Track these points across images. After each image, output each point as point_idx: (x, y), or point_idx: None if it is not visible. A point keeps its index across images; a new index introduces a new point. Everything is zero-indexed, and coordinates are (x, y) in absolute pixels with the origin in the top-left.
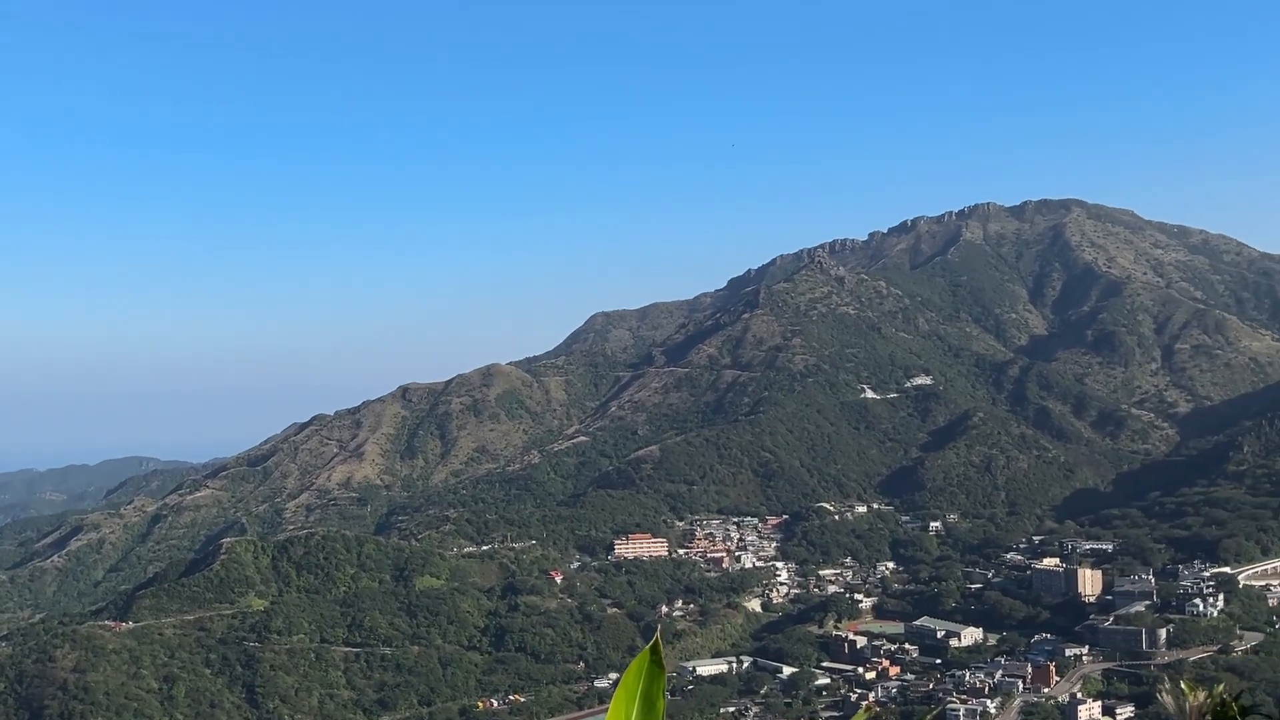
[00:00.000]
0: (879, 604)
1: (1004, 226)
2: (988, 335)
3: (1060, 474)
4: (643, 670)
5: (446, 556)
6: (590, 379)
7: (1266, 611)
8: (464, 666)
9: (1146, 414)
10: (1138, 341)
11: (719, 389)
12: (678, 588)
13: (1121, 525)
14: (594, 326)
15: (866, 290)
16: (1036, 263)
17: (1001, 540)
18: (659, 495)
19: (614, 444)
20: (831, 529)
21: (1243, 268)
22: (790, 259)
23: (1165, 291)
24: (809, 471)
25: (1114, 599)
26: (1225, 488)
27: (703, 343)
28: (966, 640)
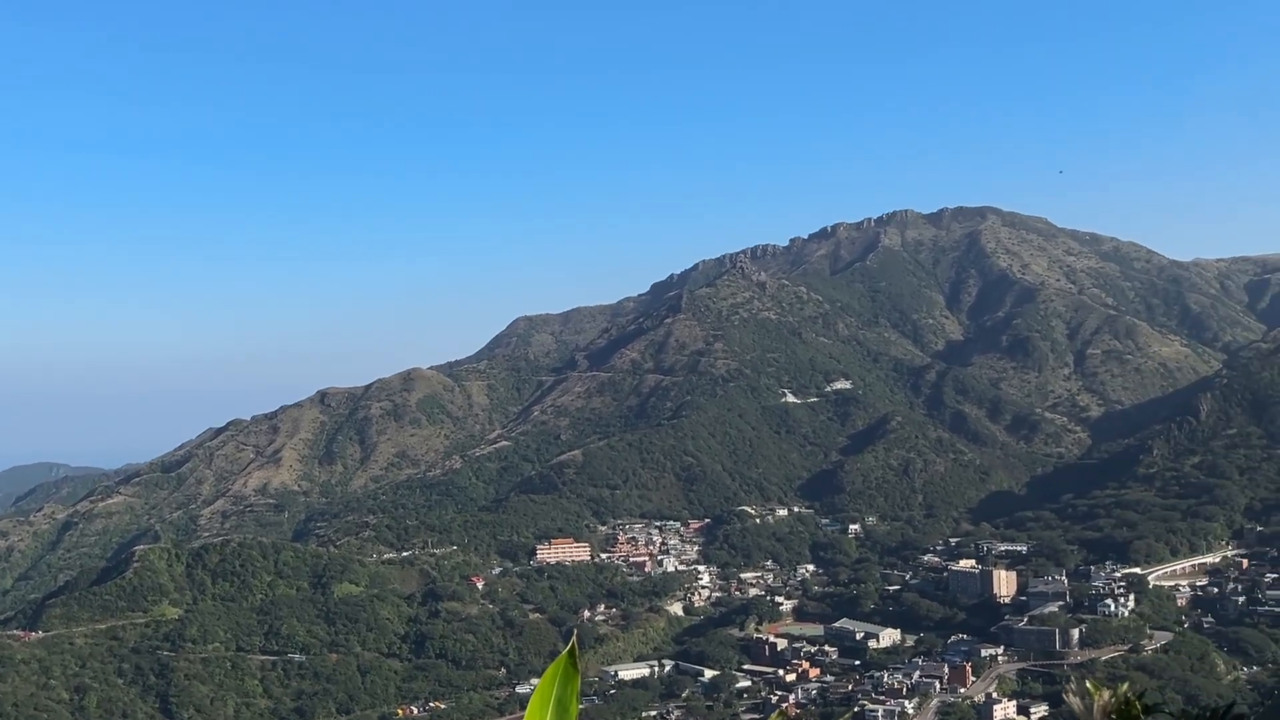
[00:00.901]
0: (799, 606)
1: (922, 233)
2: (906, 340)
3: (976, 477)
4: (558, 675)
5: (366, 563)
6: (513, 383)
7: (1175, 611)
8: (383, 674)
9: (1059, 418)
10: (1051, 347)
11: (642, 393)
12: (600, 592)
13: (1035, 527)
14: (517, 330)
15: (787, 295)
16: (953, 269)
17: (919, 542)
18: (582, 500)
19: (537, 448)
20: (753, 532)
21: (1152, 275)
22: (713, 264)
23: (1078, 298)
24: (731, 475)
25: (1028, 600)
26: (1135, 490)
27: (626, 347)
28: (885, 641)
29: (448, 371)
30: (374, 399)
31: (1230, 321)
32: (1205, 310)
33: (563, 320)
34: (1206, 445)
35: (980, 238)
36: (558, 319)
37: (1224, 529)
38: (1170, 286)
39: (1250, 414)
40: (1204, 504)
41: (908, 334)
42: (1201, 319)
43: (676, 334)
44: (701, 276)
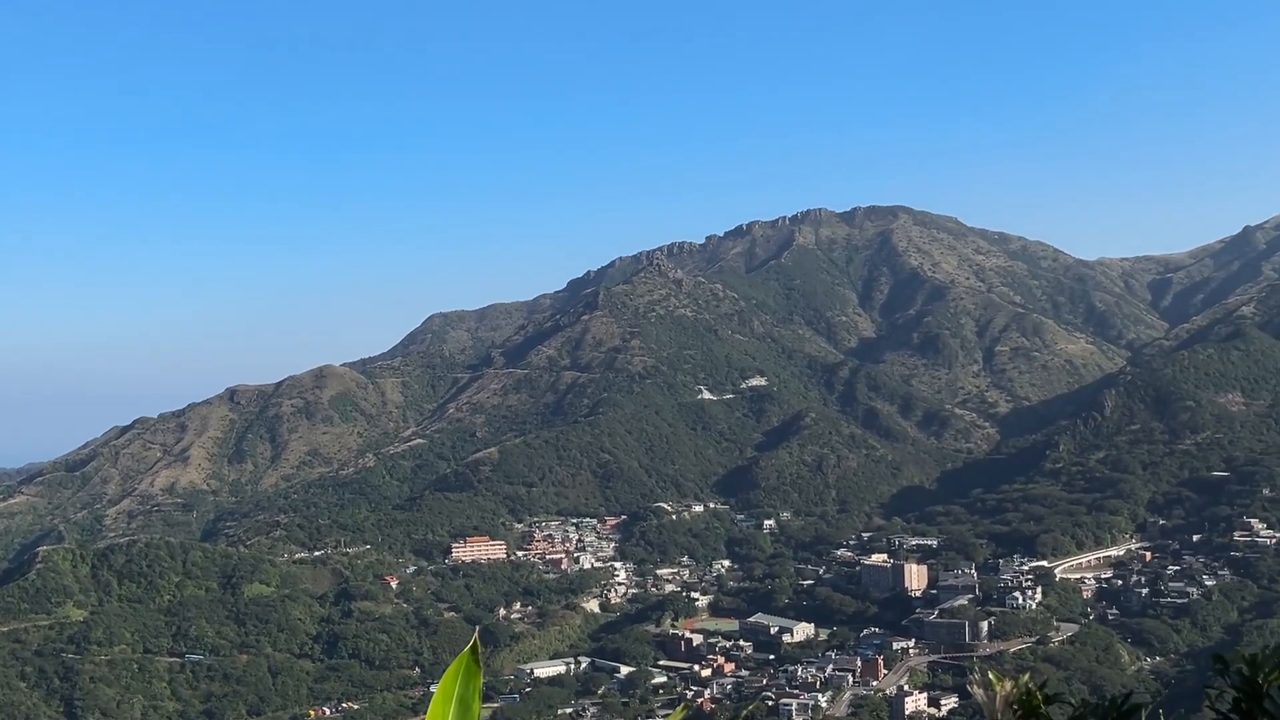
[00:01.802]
0: (715, 602)
1: (835, 232)
2: (819, 338)
3: (888, 472)
4: (459, 672)
5: (277, 563)
6: (428, 380)
7: (1081, 603)
8: (295, 675)
9: (969, 414)
10: (961, 344)
11: (558, 390)
12: (516, 590)
13: (945, 521)
14: (431, 327)
15: (704, 293)
16: (866, 267)
17: (832, 537)
18: (497, 497)
19: (452, 446)
20: (669, 529)
21: (1059, 273)
22: (629, 261)
23: (987, 296)
24: (647, 472)
25: (939, 593)
26: (1043, 485)
27: (542, 344)
28: (799, 636)
29: (361, 369)
30: (285, 397)
31: (1134, 319)
32: (1110, 308)
33: (479, 317)
34: (1111, 441)
35: (892, 236)
36: (473, 316)
37: (1128, 522)
38: (1076, 285)
39: (1153, 410)
40: (1109, 498)
41: (822, 331)
42: (1106, 317)
43: (593, 331)
44: (618, 274)
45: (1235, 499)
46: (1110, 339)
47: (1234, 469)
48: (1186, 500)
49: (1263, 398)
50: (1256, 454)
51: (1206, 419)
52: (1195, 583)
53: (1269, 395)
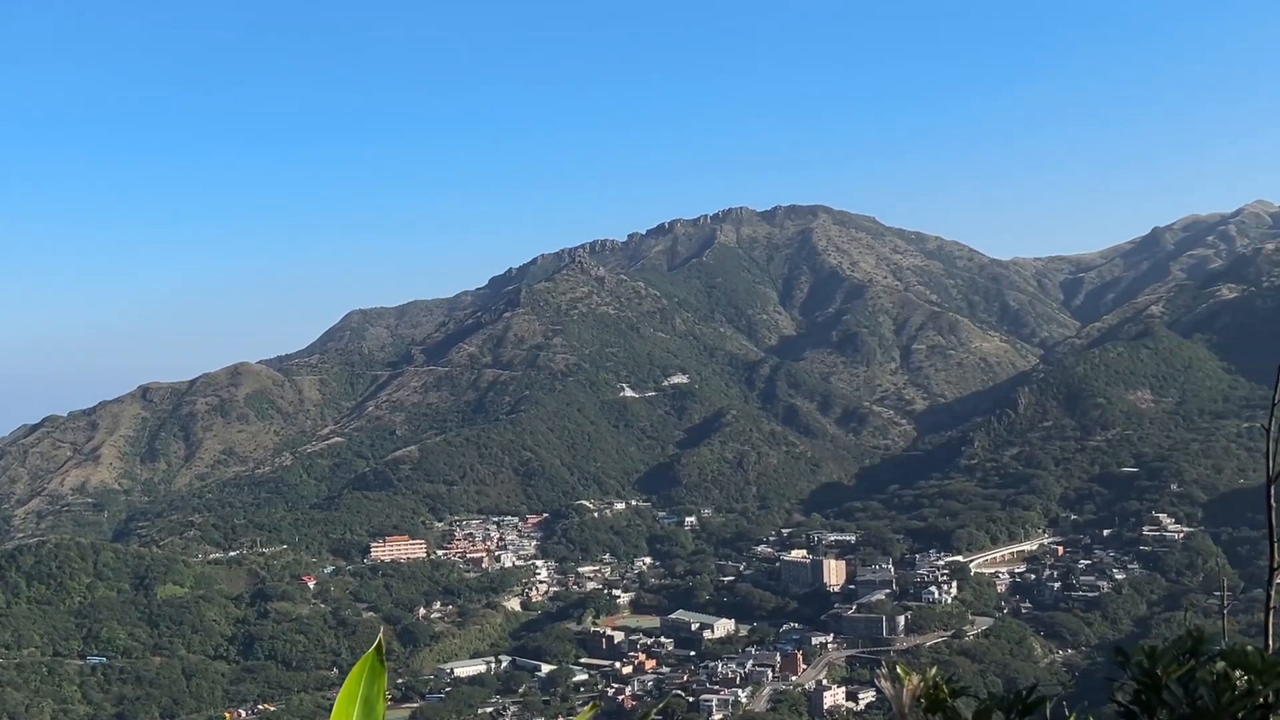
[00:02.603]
0: (636, 599)
1: (756, 230)
2: (741, 335)
3: (807, 469)
4: (364, 673)
5: (191, 563)
6: (346, 378)
7: (995, 597)
8: (210, 676)
9: (887, 411)
10: (879, 342)
11: (480, 388)
12: (436, 589)
13: (863, 517)
14: (350, 324)
15: (626, 290)
16: (786, 266)
17: (753, 534)
18: (418, 496)
19: (371, 445)
20: (591, 526)
21: (974, 273)
22: (551, 258)
23: (904, 294)
24: (569, 470)
25: (857, 588)
26: (958, 481)
27: (463, 341)
28: (719, 632)
29: (278, 366)
30: (199, 394)
31: (1047, 318)
32: (1023, 307)
33: (398, 314)
34: (1024, 437)
35: (812, 235)
36: (393, 313)
37: (1040, 517)
38: (991, 284)
39: (1065, 407)
40: (1022, 493)
41: (743, 329)
42: (1020, 315)
43: (515, 328)
44: (540, 271)
45: (1144, 494)
46: (1024, 337)
47: (1143, 465)
48: (1097, 495)
49: (1171, 395)
50: (1164, 450)
51: (1116, 416)
52: (1106, 576)
53: (1177, 393)
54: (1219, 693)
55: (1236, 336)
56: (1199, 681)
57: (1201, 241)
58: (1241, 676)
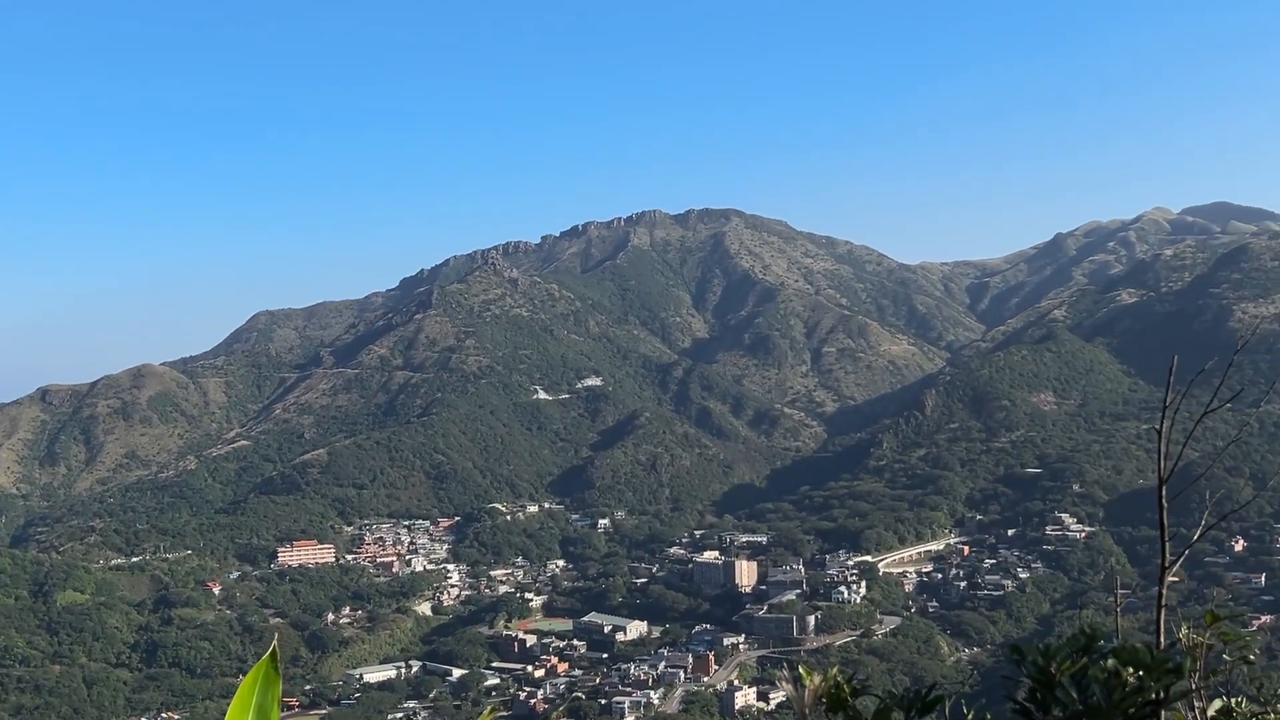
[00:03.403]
0: (549, 602)
1: (669, 233)
2: (654, 338)
3: (720, 470)
4: (258, 680)
5: (92, 569)
6: (253, 380)
7: (903, 596)
8: (111, 685)
9: (798, 413)
10: (790, 345)
11: (390, 390)
12: (345, 594)
13: (775, 518)
14: (257, 325)
15: (539, 292)
16: (699, 269)
17: (666, 535)
18: (326, 500)
19: (278, 448)
20: (503, 529)
21: (883, 277)
22: (464, 260)
23: (815, 298)
24: (482, 473)
25: (768, 589)
26: (867, 482)
27: (374, 343)
28: (632, 634)
29: (182, 368)
30: (101, 397)
31: (953, 322)
32: (931, 311)
33: (307, 315)
34: (931, 439)
35: (725, 239)
36: (301, 314)
37: (947, 518)
38: (899, 288)
39: (971, 409)
40: (929, 494)
41: (656, 332)
42: (927, 319)
43: (427, 330)
44: (453, 272)
45: (1047, 494)
46: (931, 340)
47: (1046, 466)
48: (1002, 496)
49: (1073, 397)
50: (1067, 451)
51: (1020, 418)
52: (1010, 575)
53: (1078, 395)
54: (1110, 690)
55: (1136, 340)
56: (1091, 679)
57: (1103, 247)
58: (1132, 673)
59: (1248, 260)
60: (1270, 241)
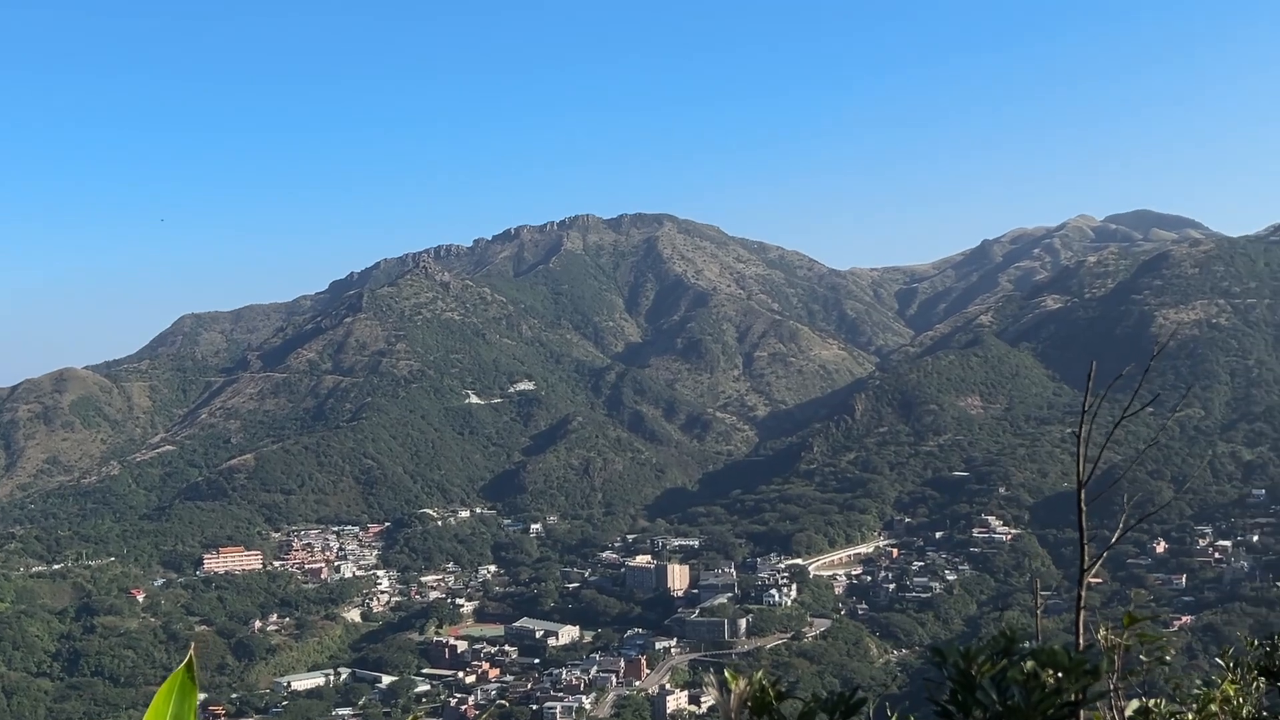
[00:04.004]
0: (480, 607)
1: (602, 238)
2: (587, 342)
3: (653, 474)
4: (174, 690)
5: (11, 577)
6: (179, 384)
7: (833, 599)
8: (32, 695)
9: (730, 417)
10: (722, 349)
11: (319, 395)
12: (273, 601)
13: (707, 522)
14: (183, 329)
15: (471, 296)
16: (632, 273)
17: (598, 540)
18: (254, 506)
19: (204, 453)
20: (434, 535)
21: (814, 282)
22: (395, 263)
23: (747, 303)
24: (412, 478)
25: (700, 592)
26: (798, 485)
27: (303, 347)
28: (564, 639)
29: (105, 372)
30: (21, 401)
31: (882, 327)
32: (860, 316)
33: (234, 318)
34: (861, 442)
35: (658, 244)
36: (228, 317)
37: (876, 520)
38: (829, 294)
39: (899, 413)
40: (859, 497)
41: (589, 336)
42: (857, 324)
43: (357, 334)
44: (383, 275)
45: (974, 497)
46: (860, 345)
47: (973, 469)
48: (930, 499)
49: (999, 402)
50: (993, 455)
51: (948, 421)
52: (938, 577)
53: (1004, 399)
54: (1029, 691)
55: (1060, 345)
56: (1010, 680)
57: (1028, 254)
58: (1050, 675)
59: (1169, 267)
60: (1190, 249)
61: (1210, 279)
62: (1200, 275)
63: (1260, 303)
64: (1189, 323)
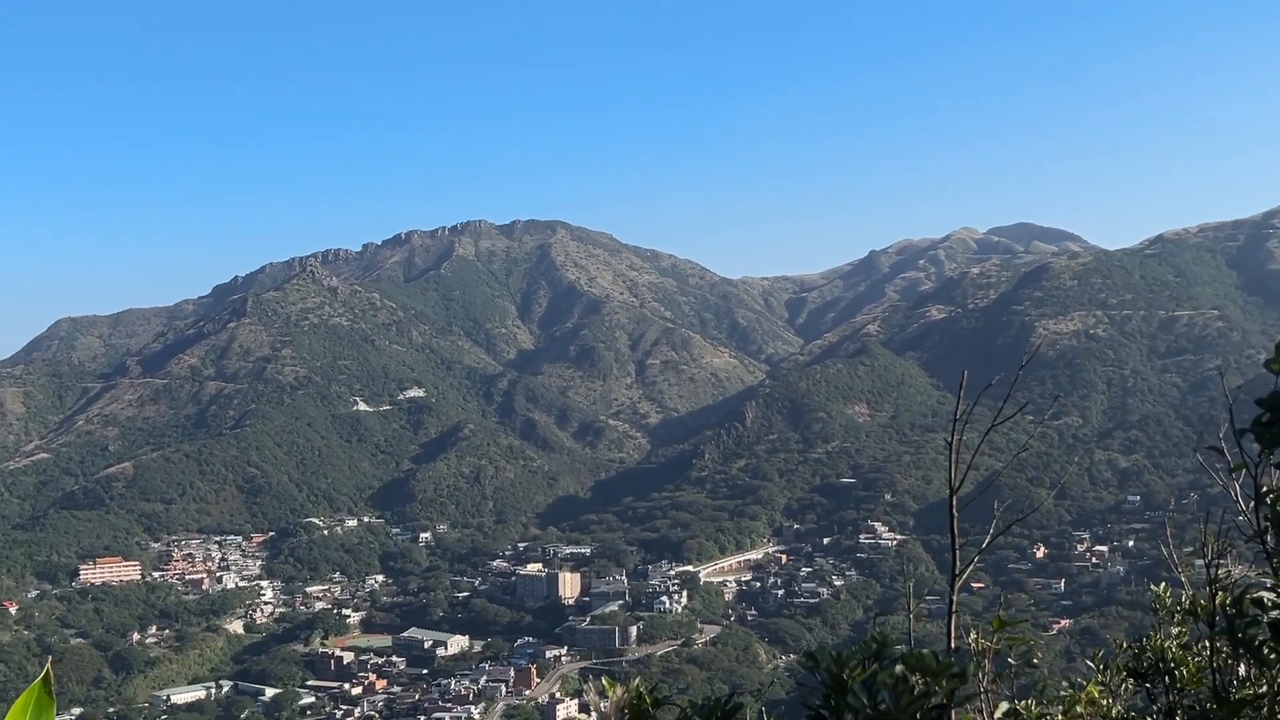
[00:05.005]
0: (368, 618)
1: (495, 244)
2: (479, 349)
3: (545, 482)
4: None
5: None
6: (54, 390)
7: (723, 605)
8: None
9: (622, 424)
10: (615, 357)
11: (202, 401)
12: (152, 613)
13: (599, 529)
14: (59, 333)
15: (360, 302)
16: (525, 280)
17: (489, 548)
18: (133, 515)
19: (81, 461)
20: (320, 544)
21: (705, 291)
22: (281, 267)
23: (640, 310)
24: (298, 486)
25: (591, 600)
26: (689, 492)
27: (184, 352)
28: (453, 649)
29: None
30: None
31: (773, 335)
32: (751, 324)
33: (113, 323)
34: (751, 449)
35: (551, 250)
36: (107, 321)
37: (766, 527)
38: (721, 302)
39: (789, 420)
40: (749, 504)
41: (481, 343)
42: (748, 332)
43: (241, 339)
44: (269, 279)
45: (861, 504)
46: (751, 353)
47: (860, 476)
48: (818, 505)
49: (885, 410)
50: (879, 462)
51: (836, 429)
52: (826, 583)
53: (891, 407)
54: (899, 695)
55: (944, 354)
56: (881, 684)
57: (914, 265)
58: (920, 678)
59: (1048, 279)
60: (1069, 261)
61: (1088, 291)
62: (1079, 287)
63: (1136, 314)
64: (1067, 333)
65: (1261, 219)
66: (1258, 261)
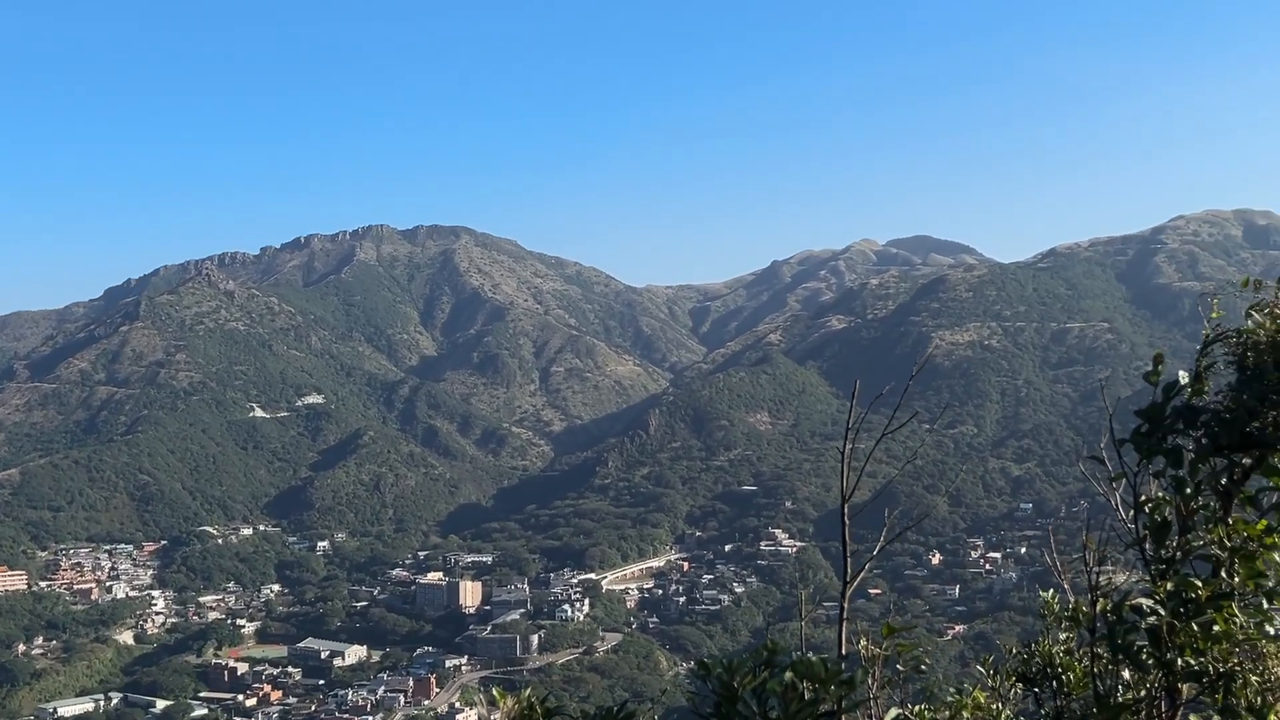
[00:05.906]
0: (263, 628)
1: (397, 249)
2: (380, 355)
3: (446, 490)
4: None
5: None
6: None
7: (625, 613)
8: None
9: (526, 432)
10: (519, 364)
11: (92, 407)
12: (38, 623)
13: (501, 538)
14: None
15: (258, 306)
16: (428, 286)
17: (389, 557)
18: (18, 524)
19: None
20: (214, 553)
21: (610, 299)
22: (175, 270)
23: (544, 318)
24: (191, 494)
25: (492, 609)
26: (592, 500)
27: (74, 356)
28: (351, 659)
29: None
30: None
31: (676, 344)
32: (655, 333)
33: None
34: (654, 457)
35: (454, 256)
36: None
37: (668, 535)
38: (626, 310)
39: (692, 428)
40: (652, 512)
41: (382, 349)
42: (652, 340)
43: (133, 343)
44: (163, 282)
45: (762, 511)
46: (655, 361)
47: (761, 484)
48: (720, 513)
49: (786, 418)
50: (780, 469)
51: (738, 437)
52: (727, 590)
53: (792, 415)
54: (788, 702)
55: (844, 364)
56: (770, 692)
57: (815, 275)
58: (808, 685)
59: (945, 290)
60: (965, 274)
61: (983, 302)
62: (974, 299)
63: (1029, 326)
64: (963, 344)
65: (1150, 234)
66: (1146, 275)
